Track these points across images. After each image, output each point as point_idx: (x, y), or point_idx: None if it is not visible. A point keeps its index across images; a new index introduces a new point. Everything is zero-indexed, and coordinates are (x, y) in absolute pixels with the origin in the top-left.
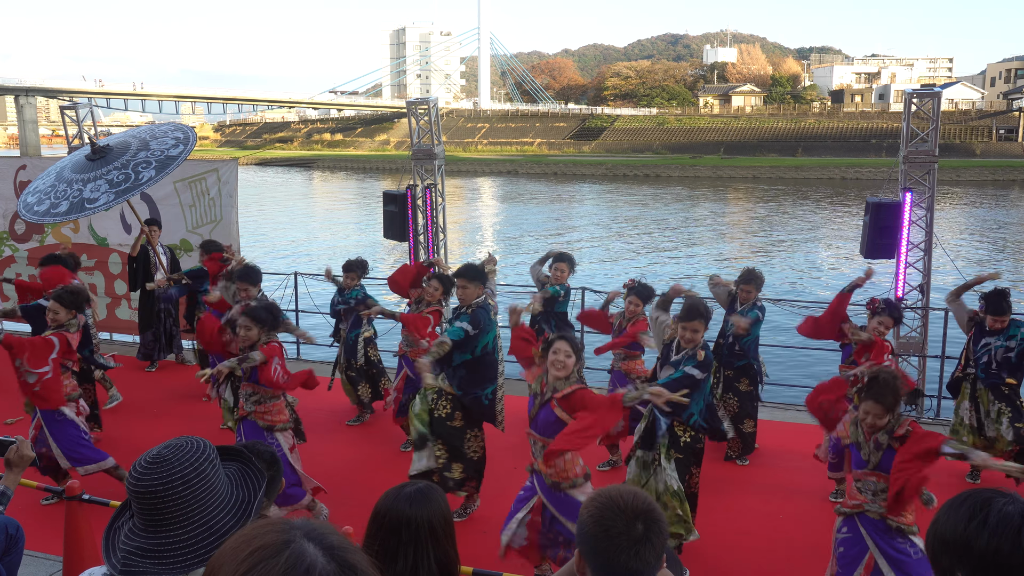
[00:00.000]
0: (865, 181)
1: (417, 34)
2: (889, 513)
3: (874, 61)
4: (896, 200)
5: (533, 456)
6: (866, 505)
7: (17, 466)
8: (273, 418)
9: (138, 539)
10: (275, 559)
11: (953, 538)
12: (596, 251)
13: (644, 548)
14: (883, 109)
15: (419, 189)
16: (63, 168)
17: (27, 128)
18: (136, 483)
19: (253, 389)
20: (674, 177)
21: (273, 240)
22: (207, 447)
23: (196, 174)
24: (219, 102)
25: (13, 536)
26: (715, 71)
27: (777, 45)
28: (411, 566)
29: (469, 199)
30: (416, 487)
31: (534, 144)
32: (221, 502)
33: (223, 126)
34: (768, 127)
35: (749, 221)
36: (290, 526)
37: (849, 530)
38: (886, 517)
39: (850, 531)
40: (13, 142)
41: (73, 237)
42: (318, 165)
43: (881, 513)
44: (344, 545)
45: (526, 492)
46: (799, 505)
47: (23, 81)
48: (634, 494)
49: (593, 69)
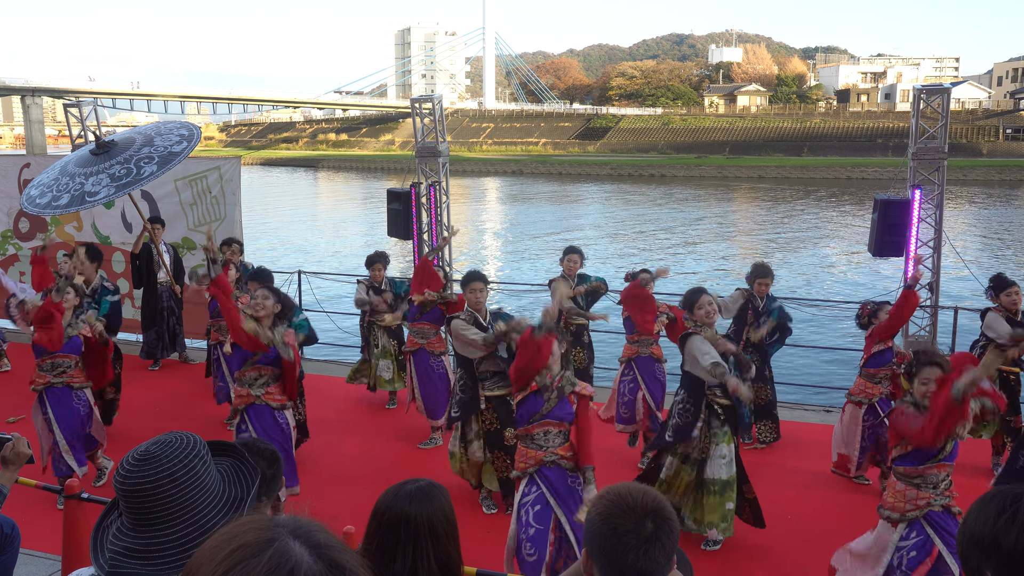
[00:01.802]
0: (871, 181)
1: (422, 34)
2: (928, 441)
3: (880, 61)
4: (905, 197)
5: (540, 449)
6: (931, 501)
7: (13, 463)
8: (282, 398)
9: (126, 539)
10: (257, 558)
11: (981, 536)
12: (599, 250)
13: (654, 547)
14: (889, 109)
15: (423, 187)
16: (67, 163)
17: (33, 128)
18: (124, 481)
19: (259, 372)
20: (679, 177)
21: (277, 239)
22: (197, 443)
23: (197, 172)
24: (224, 102)
25: (8, 535)
26: (720, 71)
27: (783, 45)
28: (410, 566)
29: (474, 199)
30: (418, 485)
31: (539, 144)
32: (212, 500)
33: (228, 126)
34: (773, 127)
35: (755, 221)
36: (274, 523)
37: (918, 534)
38: (950, 507)
39: (919, 535)
40: (20, 142)
41: (77, 235)
42: (323, 165)
43: (945, 504)
44: (332, 543)
45: (537, 502)
46: (806, 504)
47: (29, 81)
48: (644, 491)
49: (598, 69)
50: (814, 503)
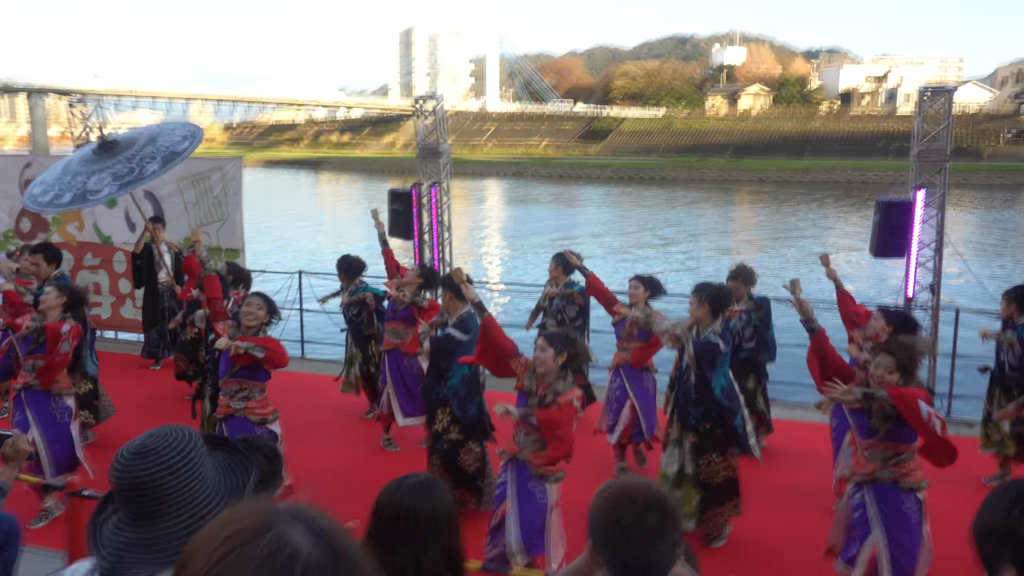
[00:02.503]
0: (872, 184)
1: (426, 34)
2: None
3: (884, 61)
4: (907, 199)
5: (518, 445)
6: (877, 473)
7: (13, 460)
8: (264, 411)
9: (127, 532)
10: (254, 543)
11: (996, 526)
12: (599, 252)
13: (658, 539)
14: (891, 112)
15: (425, 187)
16: (70, 161)
17: (37, 127)
18: (121, 475)
19: (240, 385)
20: (680, 179)
21: (278, 239)
22: (192, 435)
23: (199, 172)
24: (227, 102)
25: (9, 532)
26: (723, 72)
27: (786, 46)
28: (412, 560)
29: (475, 200)
30: (418, 479)
31: (541, 145)
32: (211, 490)
33: (231, 127)
34: (775, 129)
35: (755, 222)
36: (273, 508)
37: (860, 497)
38: (898, 481)
39: (861, 498)
40: (24, 142)
41: (78, 235)
42: (325, 166)
43: (892, 478)
44: (334, 530)
45: (500, 487)
46: (807, 503)
47: (34, 80)
48: (646, 484)
49: (601, 69)
50: (814, 501)
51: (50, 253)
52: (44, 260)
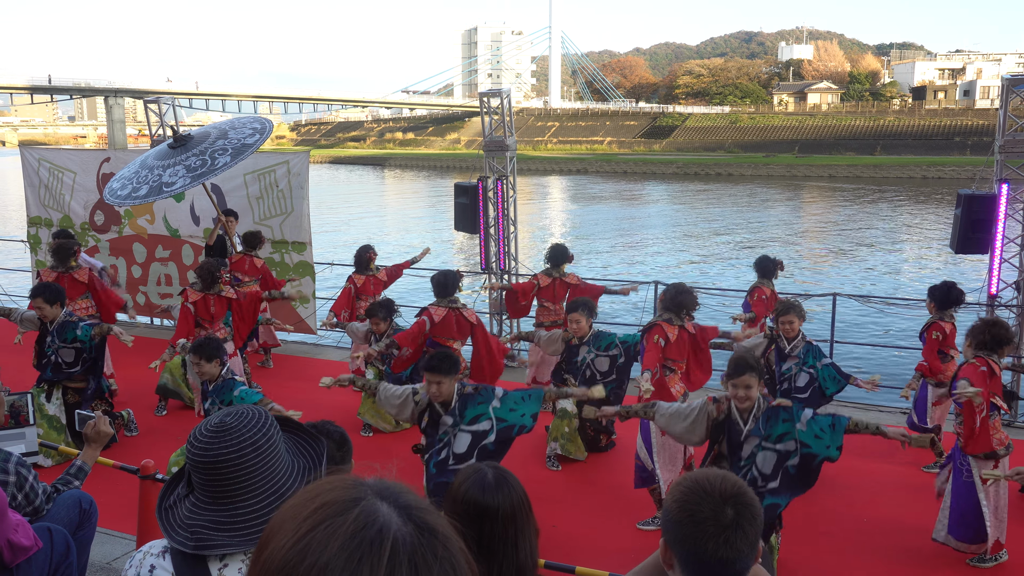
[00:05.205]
0: (948, 180)
1: (488, 33)
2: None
3: (958, 57)
4: (991, 192)
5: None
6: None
7: (95, 442)
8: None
9: (206, 513)
10: (342, 516)
11: None
12: (663, 252)
13: (735, 535)
14: (968, 106)
15: (491, 181)
16: (147, 157)
17: (115, 127)
18: (203, 454)
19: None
20: (746, 175)
21: (344, 233)
22: (266, 414)
23: (266, 166)
24: (295, 102)
25: (87, 511)
26: (790, 69)
27: (855, 41)
28: (496, 554)
29: (539, 196)
30: (493, 473)
31: (604, 143)
32: (288, 468)
33: (299, 125)
34: (845, 125)
35: (825, 220)
36: (360, 482)
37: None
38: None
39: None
40: (103, 141)
41: (149, 228)
42: (390, 163)
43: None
44: (422, 505)
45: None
46: (883, 508)
47: (112, 83)
48: (723, 477)
49: (664, 68)
50: (890, 508)
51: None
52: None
